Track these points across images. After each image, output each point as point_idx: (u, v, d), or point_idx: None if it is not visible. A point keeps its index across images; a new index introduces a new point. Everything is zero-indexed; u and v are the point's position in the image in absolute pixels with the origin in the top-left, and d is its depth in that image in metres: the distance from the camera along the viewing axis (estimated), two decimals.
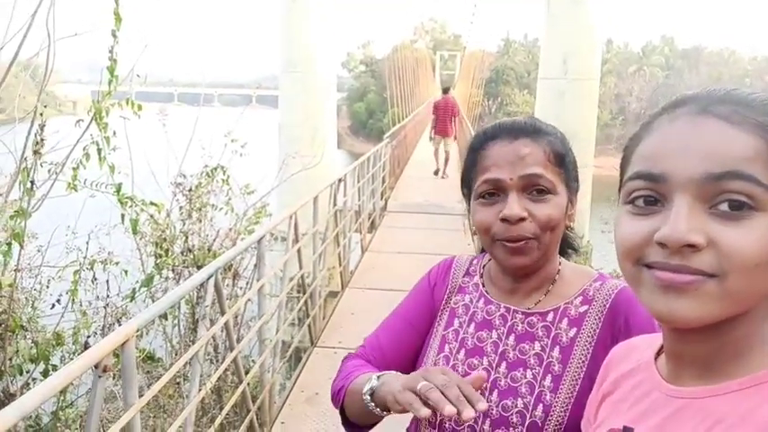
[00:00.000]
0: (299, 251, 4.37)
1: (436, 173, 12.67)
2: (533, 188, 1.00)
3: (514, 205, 0.99)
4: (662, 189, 0.60)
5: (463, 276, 1.17)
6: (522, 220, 0.99)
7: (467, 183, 1.09)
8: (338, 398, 1.09)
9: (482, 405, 0.76)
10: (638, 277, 0.62)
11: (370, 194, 8.51)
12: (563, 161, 1.04)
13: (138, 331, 2.00)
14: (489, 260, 1.13)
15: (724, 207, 0.56)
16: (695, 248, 0.56)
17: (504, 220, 0.99)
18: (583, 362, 0.99)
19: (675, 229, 0.57)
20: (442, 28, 57.49)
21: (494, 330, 1.06)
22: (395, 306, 1.22)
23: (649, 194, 0.61)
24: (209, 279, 2.66)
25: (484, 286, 1.13)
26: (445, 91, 13.52)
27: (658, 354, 0.72)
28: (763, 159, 0.56)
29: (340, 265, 6.17)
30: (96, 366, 1.80)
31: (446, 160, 12.47)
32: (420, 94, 30.85)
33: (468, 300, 1.13)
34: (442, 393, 0.77)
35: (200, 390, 2.56)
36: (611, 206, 0.86)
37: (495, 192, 1.01)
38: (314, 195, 4.97)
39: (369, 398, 0.94)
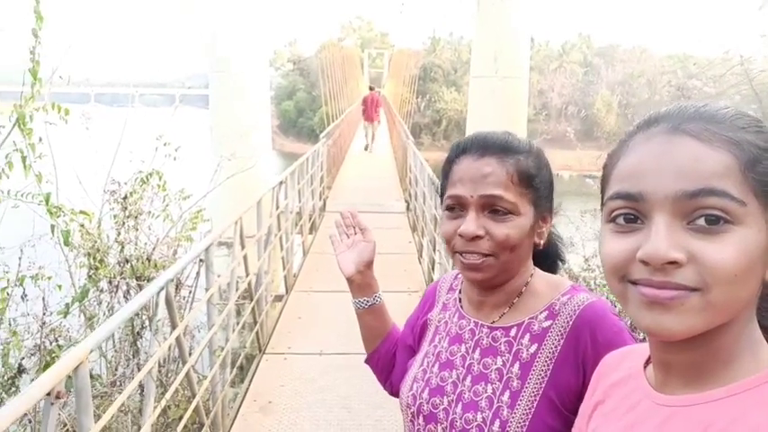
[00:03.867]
0: (245, 257, 4.25)
1: (366, 148, 17.56)
2: (492, 208, 1.00)
3: (471, 224, 1.00)
4: (641, 207, 0.61)
5: (446, 293, 1.21)
6: (479, 237, 0.99)
7: (442, 192, 1.10)
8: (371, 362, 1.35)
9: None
10: (625, 293, 0.63)
11: (310, 195, 8.40)
12: (531, 181, 1.02)
13: (91, 352, 1.88)
14: None
15: (701, 222, 0.58)
16: (677, 264, 0.58)
17: (461, 235, 1.01)
18: (542, 378, 0.98)
19: (656, 248, 0.58)
20: (368, 26, 57.59)
21: (463, 344, 1.08)
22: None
23: (629, 213, 0.63)
24: (159, 292, 2.53)
25: (460, 301, 1.15)
26: (371, 89, 19.62)
27: (647, 363, 0.73)
28: (734, 174, 0.58)
29: (284, 268, 6.06)
30: (49, 393, 1.67)
31: (372, 138, 17.81)
32: (350, 91, 30.75)
33: (447, 316, 1.16)
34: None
35: (155, 408, 2.43)
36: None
37: (458, 207, 1.03)
38: (258, 199, 4.84)
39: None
